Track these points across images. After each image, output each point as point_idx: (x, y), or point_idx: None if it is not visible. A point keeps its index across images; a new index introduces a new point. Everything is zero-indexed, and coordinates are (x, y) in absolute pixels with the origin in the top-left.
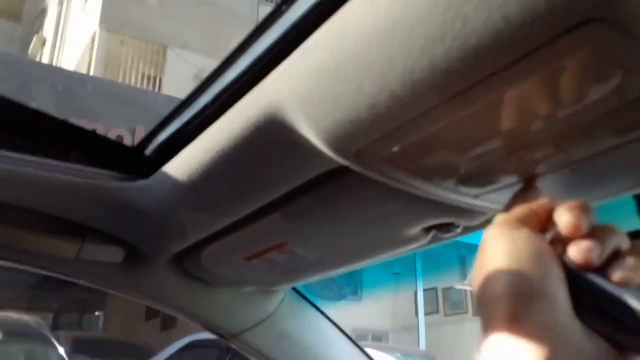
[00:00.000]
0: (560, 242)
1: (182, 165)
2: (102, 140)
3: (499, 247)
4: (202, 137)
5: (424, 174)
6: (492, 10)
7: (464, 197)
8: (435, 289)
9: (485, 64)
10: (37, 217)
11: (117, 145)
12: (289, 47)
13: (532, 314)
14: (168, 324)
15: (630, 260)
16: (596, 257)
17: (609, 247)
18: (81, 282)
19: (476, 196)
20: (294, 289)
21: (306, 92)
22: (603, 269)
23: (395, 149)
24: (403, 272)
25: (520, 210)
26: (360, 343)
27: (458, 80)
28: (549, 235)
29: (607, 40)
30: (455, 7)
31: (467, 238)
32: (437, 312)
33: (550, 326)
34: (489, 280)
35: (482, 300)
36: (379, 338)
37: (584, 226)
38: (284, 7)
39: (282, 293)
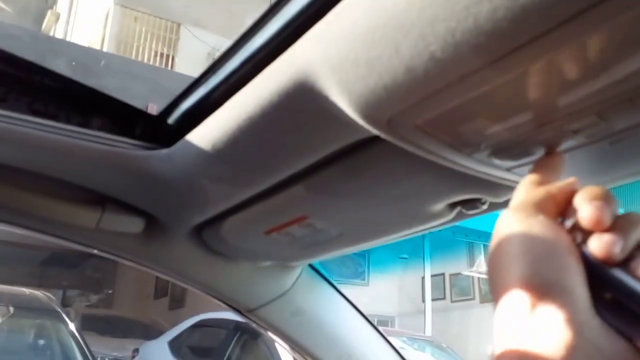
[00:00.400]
0: (580, 231)
1: (206, 134)
2: (126, 107)
3: (513, 235)
4: (227, 105)
5: (457, 144)
6: None
7: (496, 170)
8: (442, 275)
9: (533, 24)
10: (57, 185)
11: (140, 113)
12: (323, 8)
13: (548, 309)
14: (176, 303)
15: None
16: (619, 251)
17: (633, 239)
18: (100, 252)
19: (509, 169)
20: (311, 265)
21: (339, 55)
22: (626, 262)
23: (429, 116)
24: (411, 257)
25: (537, 193)
26: None
27: (502, 42)
28: (568, 222)
29: None
30: None
31: (476, 225)
32: (443, 298)
33: (567, 322)
34: (502, 271)
35: (495, 290)
36: (385, 323)
37: (607, 219)
38: None
39: (299, 269)
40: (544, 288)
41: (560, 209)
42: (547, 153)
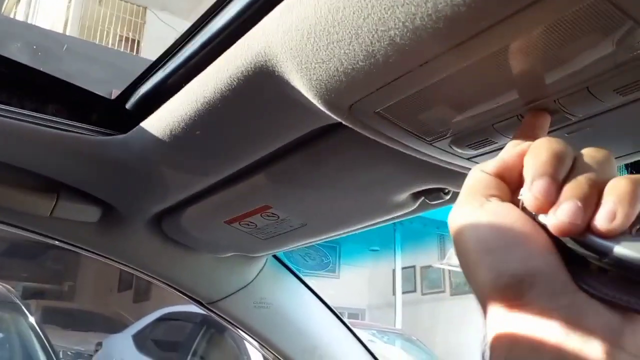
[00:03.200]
0: None
1: (163, 120)
2: (82, 92)
3: (464, 236)
4: (186, 89)
5: (418, 132)
6: None
7: (457, 159)
8: (413, 267)
9: (491, 11)
10: (10, 171)
11: (97, 98)
12: None
13: (529, 302)
14: (141, 296)
15: (611, 203)
16: (580, 222)
17: (592, 199)
18: (55, 241)
19: (469, 159)
20: (275, 256)
21: (300, 39)
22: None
23: (390, 102)
24: (382, 249)
25: (475, 180)
26: None
27: (462, 28)
28: (524, 195)
29: None
30: None
31: (447, 217)
32: (414, 290)
33: (555, 308)
34: (469, 277)
35: (475, 294)
36: (355, 316)
37: (552, 196)
38: None
39: (263, 260)
40: (513, 286)
41: (517, 178)
42: (531, 112)
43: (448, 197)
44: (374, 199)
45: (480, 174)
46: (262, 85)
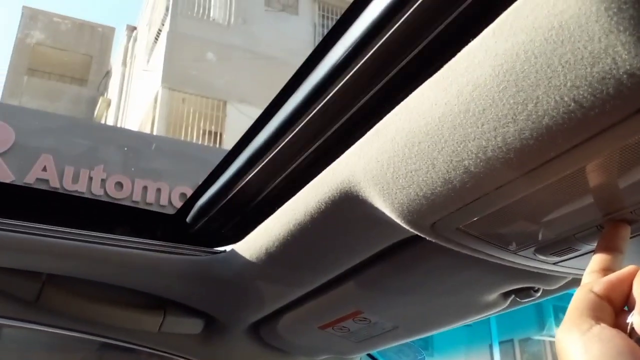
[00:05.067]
0: None
1: (259, 238)
2: (163, 216)
3: (573, 354)
4: (278, 212)
5: (501, 243)
6: (563, 93)
7: (543, 264)
8: (511, 340)
9: (557, 142)
10: (121, 293)
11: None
12: (363, 125)
13: None
14: None
15: None
16: None
17: None
18: (162, 353)
19: (555, 263)
20: (369, 355)
21: (380, 169)
22: None
23: (470, 220)
24: (476, 324)
25: (583, 300)
26: None
27: (531, 158)
28: (633, 319)
29: None
30: (526, 90)
31: None
32: None
33: None
34: None
35: None
36: None
37: None
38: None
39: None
40: None
41: (617, 305)
42: (610, 223)
43: (538, 294)
44: (463, 300)
45: (588, 294)
46: (348, 207)
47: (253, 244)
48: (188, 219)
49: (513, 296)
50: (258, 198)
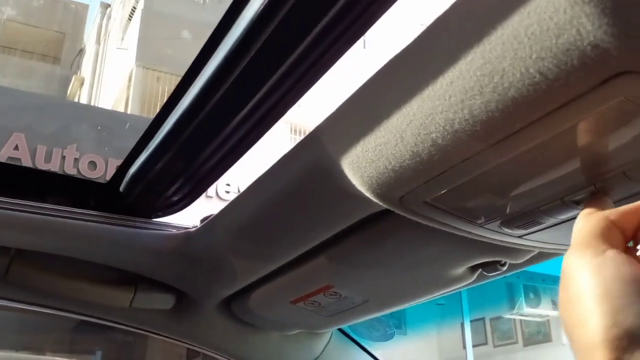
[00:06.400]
0: None
1: (231, 213)
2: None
3: (582, 281)
4: (250, 188)
5: (467, 216)
6: (529, 64)
7: (509, 237)
8: (482, 319)
9: (523, 114)
10: (92, 269)
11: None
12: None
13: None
14: None
15: None
16: None
17: None
18: (133, 329)
19: (520, 236)
20: (340, 329)
21: (349, 142)
22: None
23: (437, 193)
24: (448, 303)
25: (598, 224)
26: None
27: (497, 130)
28: None
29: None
30: (492, 62)
31: None
32: (485, 343)
33: None
34: (579, 325)
35: (576, 348)
36: None
37: None
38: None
39: (329, 334)
40: (628, 337)
41: (627, 235)
42: (593, 194)
43: (505, 268)
44: (432, 274)
45: (604, 220)
46: (319, 181)
47: (224, 219)
48: (121, 189)
49: (480, 270)
50: (195, 163)
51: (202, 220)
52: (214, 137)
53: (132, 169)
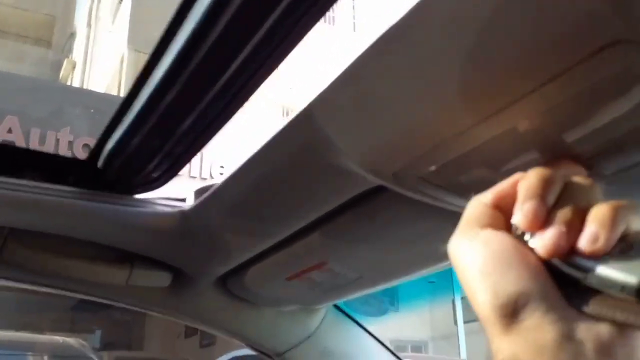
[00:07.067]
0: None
1: (226, 190)
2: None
3: (462, 263)
4: (244, 163)
5: (460, 191)
6: (523, 34)
7: None
8: None
9: (516, 85)
10: (88, 247)
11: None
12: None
13: (525, 318)
14: (207, 341)
15: (593, 227)
16: (564, 244)
17: (576, 223)
18: (130, 307)
19: None
20: (335, 306)
21: (343, 118)
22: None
23: (431, 168)
24: (439, 280)
25: (473, 209)
26: (399, 354)
27: (491, 103)
28: (514, 218)
29: (635, 58)
30: (485, 34)
31: None
32: (476, 319)
33: (548, 322)
34: (472, 302)
35: (478, 315)
36: (418, 348)
37: (539, 218)
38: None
39: (324, 311)
40: (509, 305)
41: (511, 209)
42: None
43: None
44: (425, 250)
45: (477, 204)
46: (313, 158)
47: (219, 197)
48: (99, 165)
49: None
50: (171, 139)
51: (196, 192)
52: (188, 112)
53: (109, 145)
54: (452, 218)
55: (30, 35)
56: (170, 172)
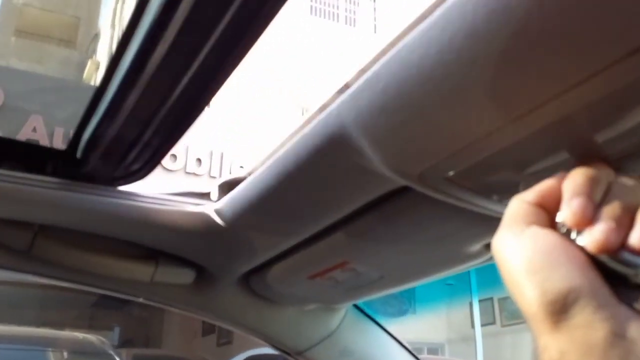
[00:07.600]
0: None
1: (250, 189)
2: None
3: (509, 260)
4: (269, 162)
5: (486, 192)
6: (557, 35)
7: None
8: (491, 299)
9: (549, 86)
10: (114, 244)
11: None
12: (355, 74)
13: (574, 315)
14: (224, 339)
15: None
16: (614, 239)
17: (625, 219)
18: (154, 303)
19: None
20: (356, 305)
21: (371, 117)
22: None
23: (458, 169)
24: (457, 283)
25: (516, 208)
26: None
27: (522, 103)
28: (560, 215)
29: None
30: (520, 33)
31: None
32: (493, 322)
33: (598, 319)
34: (519, 300)
35: (524, 313)
36: (435, 351)
37: (587, 215)
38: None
39: (344, 310)
40: (559, 302)
41: (556, 204)
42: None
43: None
44: (448, 251)
45: (520, 203)
46: (338, 157)
47: (243, 195)
48: (78, 155)
49: None
50: (147, 130)
51: (220, 186)
52: (161, 100)
53: (85, 135)
54: (476, 219)
55: (55, 36)
56: (150, 163)
